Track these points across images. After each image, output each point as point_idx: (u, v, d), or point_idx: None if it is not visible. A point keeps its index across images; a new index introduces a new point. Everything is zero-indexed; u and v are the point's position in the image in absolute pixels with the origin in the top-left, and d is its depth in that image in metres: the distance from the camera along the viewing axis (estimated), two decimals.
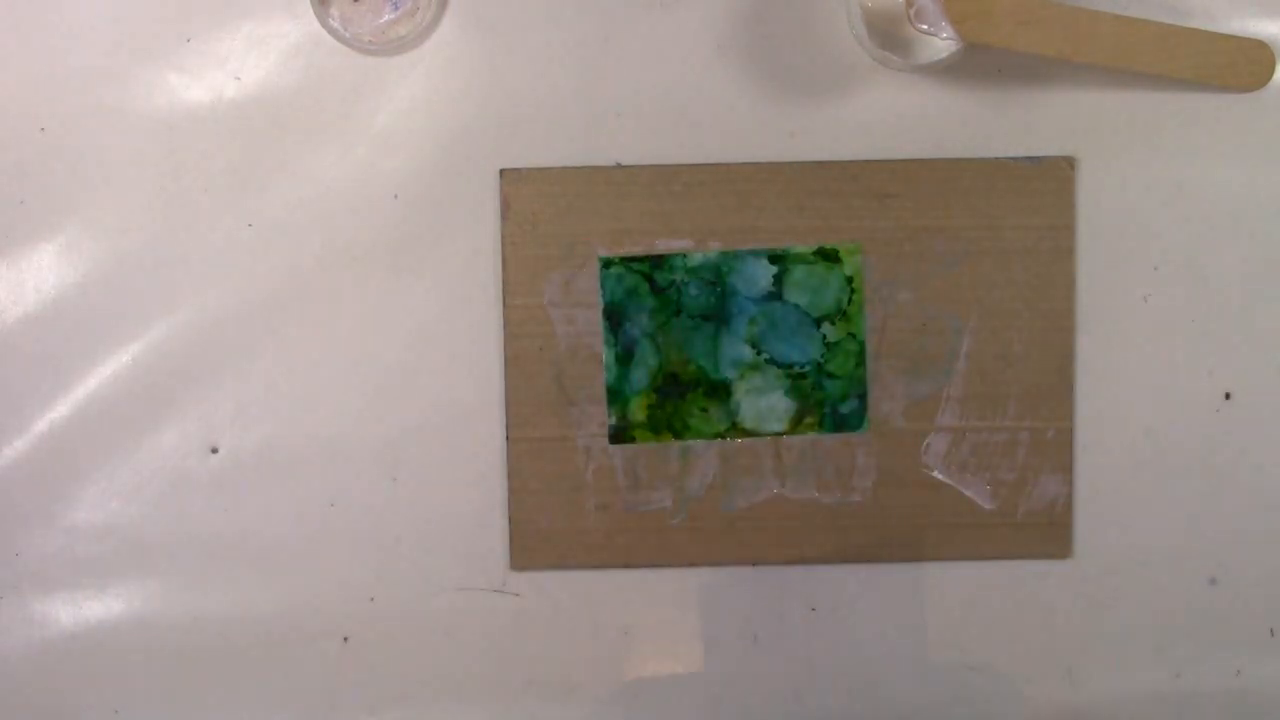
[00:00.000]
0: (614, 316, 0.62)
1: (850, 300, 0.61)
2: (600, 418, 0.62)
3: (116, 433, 0.63)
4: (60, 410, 0.63)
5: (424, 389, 0.63)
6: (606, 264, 0.62)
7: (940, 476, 0.63)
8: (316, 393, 0.63)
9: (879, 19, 0.60)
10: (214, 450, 0.63)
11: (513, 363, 0.62)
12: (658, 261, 0.62)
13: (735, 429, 0.62)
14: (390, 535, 0.63)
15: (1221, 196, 0.63)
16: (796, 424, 0.62)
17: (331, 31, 0.62)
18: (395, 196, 0.63)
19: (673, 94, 0.62)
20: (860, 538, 0.63)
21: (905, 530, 0.63)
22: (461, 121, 0.63)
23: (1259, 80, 0.62)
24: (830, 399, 0.62)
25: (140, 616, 0.63)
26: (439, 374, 0.63)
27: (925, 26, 0.60)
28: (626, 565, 0.63)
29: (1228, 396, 0.63)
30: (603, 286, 0.62)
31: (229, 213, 0.63)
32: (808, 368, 0.61)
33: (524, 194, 0.62)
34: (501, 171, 0.62)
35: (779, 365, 0.62)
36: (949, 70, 0.62)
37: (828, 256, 0.61)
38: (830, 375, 0.61)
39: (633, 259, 0.62)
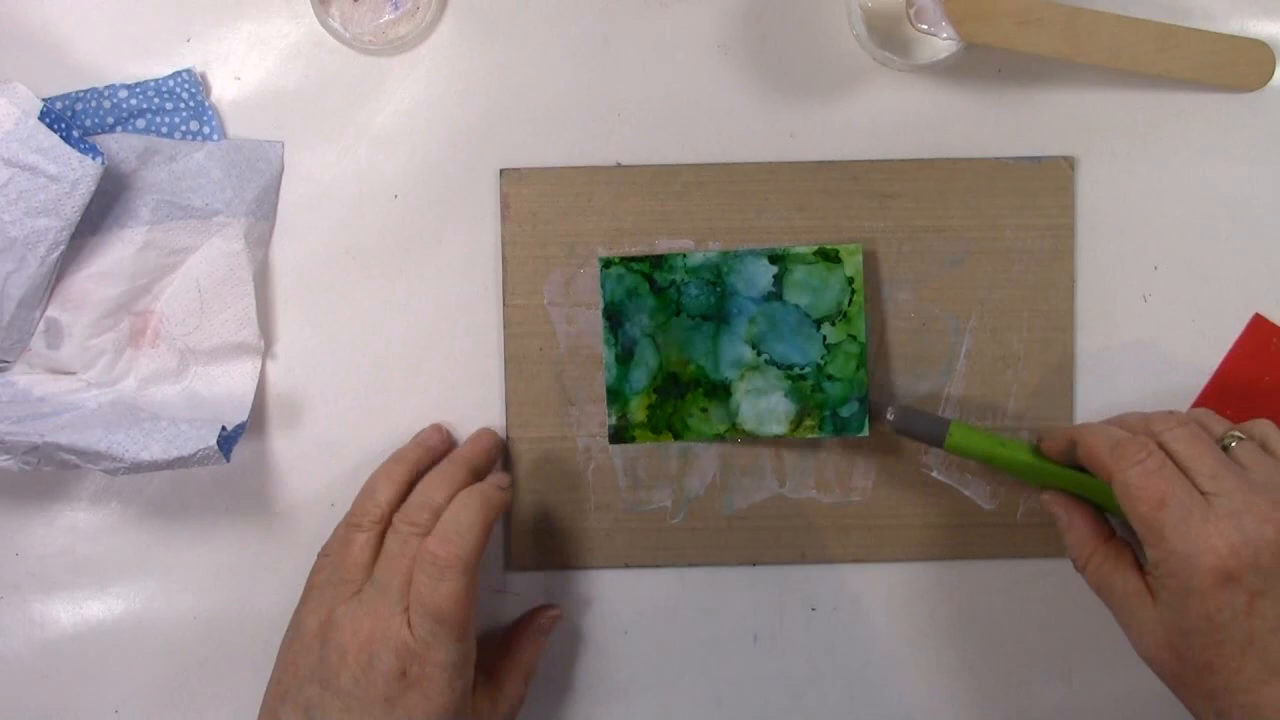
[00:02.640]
0: (614, 316, 0.62)
1: (850, 301, 0.61)
2: (600, 418, 0.62)
3: None
4: None
5: (424, 389, 0.63)
6: (606, 264, 0.62)
7: (940, 477, 0.63)
8: (316, 393, 0.63)
9: (879, 19, 0.60)
10: None
11: (513, 363, 0.62)
12: (658, 261, 0.62)
13: (735, 429, 0.62)
14: None
15: (1221, 196, 0.63)
16: (796, 426, 0.61)
17: (331, 31, 0.62)
18: (395, 196, 0.63)
19: (673, 94, 0.62)
20: (860, 538, 0.63)
21: (905, 530, 0.63)
22: (461, 121, 0.63)
23: (1259, 80, 0.62)
24: (831, 402, 0.61)
25: (140, 616, 0.63)
26: (439, 374, 0.63)
27: (925, 26, 0.60)
28: (626, 565, 0.63)
29: None
30: (603, 286, 0.62)
31: None
32: (808, 369, 0.61)
33: (524, 194, 0.62)
34: (501, 171, 0.62)
35: (779, 366, 0.61)
36: (949, 70, 0.62)
37: (828, 257, 0.61)
38: (830, 378, 0.61)
39: (633, 259, 0.62)
